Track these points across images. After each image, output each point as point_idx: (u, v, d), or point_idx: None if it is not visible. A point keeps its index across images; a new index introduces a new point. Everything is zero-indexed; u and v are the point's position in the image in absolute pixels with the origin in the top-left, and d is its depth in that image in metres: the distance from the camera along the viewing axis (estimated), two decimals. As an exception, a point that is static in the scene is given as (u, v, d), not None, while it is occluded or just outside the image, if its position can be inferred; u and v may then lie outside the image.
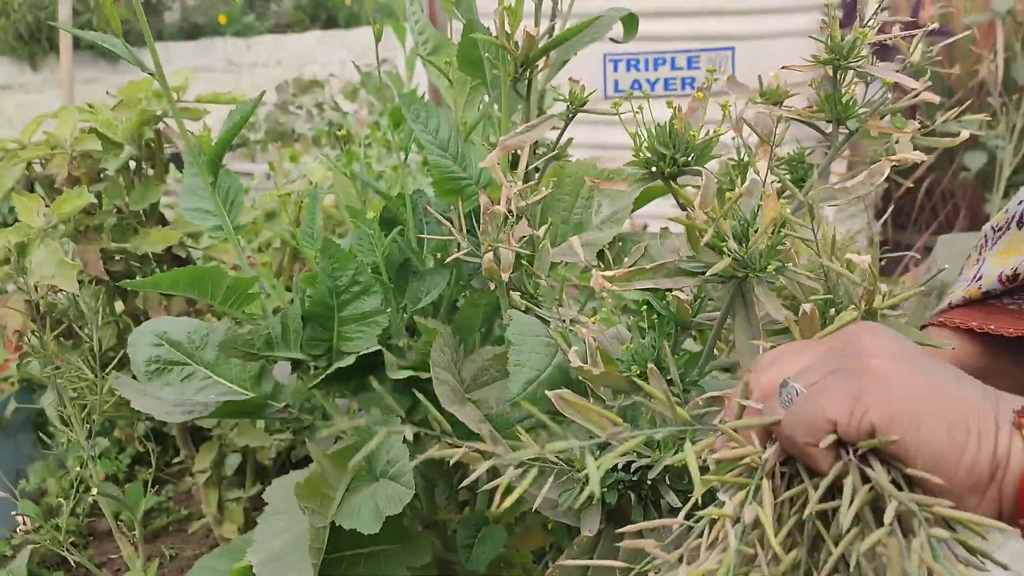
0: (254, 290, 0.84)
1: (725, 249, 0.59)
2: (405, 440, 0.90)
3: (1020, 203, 0.85)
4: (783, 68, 0.84)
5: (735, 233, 0.59)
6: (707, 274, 0.62)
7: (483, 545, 0.97)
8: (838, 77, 0.71)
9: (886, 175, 0.76)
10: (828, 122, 0.74)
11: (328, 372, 0.89)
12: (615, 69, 2.23)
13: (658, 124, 0.75)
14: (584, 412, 0.71)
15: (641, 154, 0.73)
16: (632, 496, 0.70)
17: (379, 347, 0.89)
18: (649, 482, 0.70)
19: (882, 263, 0.75)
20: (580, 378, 0.74)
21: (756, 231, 0.59)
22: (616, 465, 0.70)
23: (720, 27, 2.16)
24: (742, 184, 0.72)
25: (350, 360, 0.88)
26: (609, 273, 0.67)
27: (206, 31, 4.34)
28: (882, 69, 0.75)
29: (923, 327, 0.84)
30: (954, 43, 2.71)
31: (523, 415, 0.85)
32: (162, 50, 4.39)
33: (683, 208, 0.69)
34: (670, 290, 0.78)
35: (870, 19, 0.73)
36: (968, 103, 0.90)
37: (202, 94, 1.20)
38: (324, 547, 0.82)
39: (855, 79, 0.76)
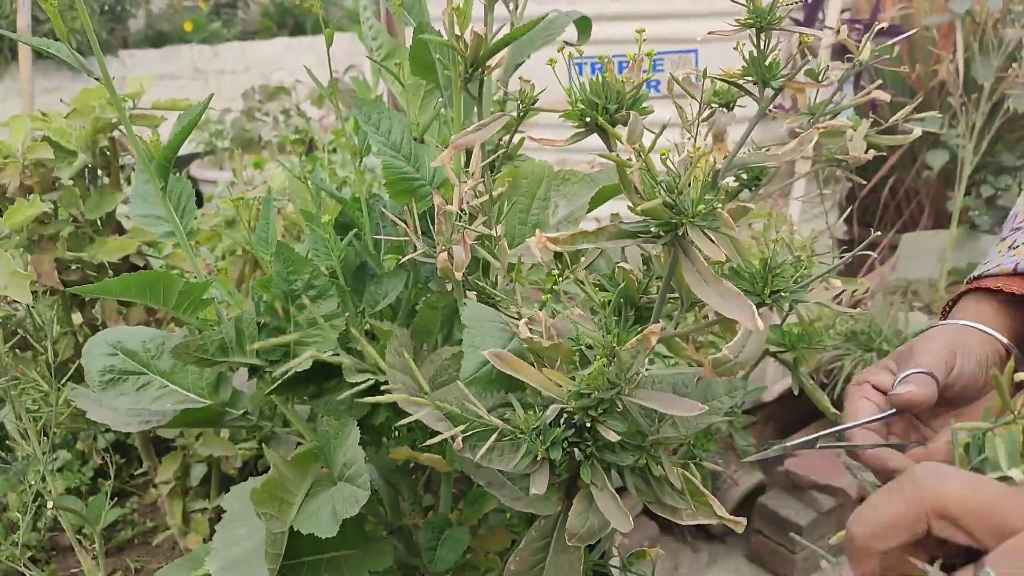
0: (208, 295, 0.83)
1: (657, 195, 0.59)
2: (365, 440, 0.89)
3: None
4: (709, 33, 0.84)
5: (667, 183, 0.60)
6: (638, 208, 0.61)
7: (446, 548, 0.97)
8: (761, 39, 0.73)
9: (814, 142, 0.77)
10: (754, 84, 0.75)
11: (285, 377, 0.88)
12: (580, 72, 2.23)
13: (591, 78, 0.75)
14: (524, 371, 0.71)
15: (576, 107, 0.73)
16: (577, 453, 0.71)
17: (336, 351, 0.88)
18: (590, 438, 0.71)
19: (848, 262, 0.76)
20: (530, 352, 0.75)
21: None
22: (558, 423, 0.71)
23: (683, 30, 2.17)
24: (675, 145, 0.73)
25: (307, 364, 0.88)
26: (552, 235, 0.68)
27: (172, 39, 4.30)
28: (800, 28, 0.76)
29: (958, 296, 0.82)
30: (915, 44, 2.75)
31: (486, 407, 0.85)
32: (127, 58, 4.35)
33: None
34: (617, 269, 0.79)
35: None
36: (927, 103, 0.91)
37: (159, 100, 1.19)
38: (282, 553, 0.81)
39: (780, 51, 0.77)
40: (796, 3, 0.69)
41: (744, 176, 0.89)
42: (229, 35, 4.42)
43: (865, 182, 1.09)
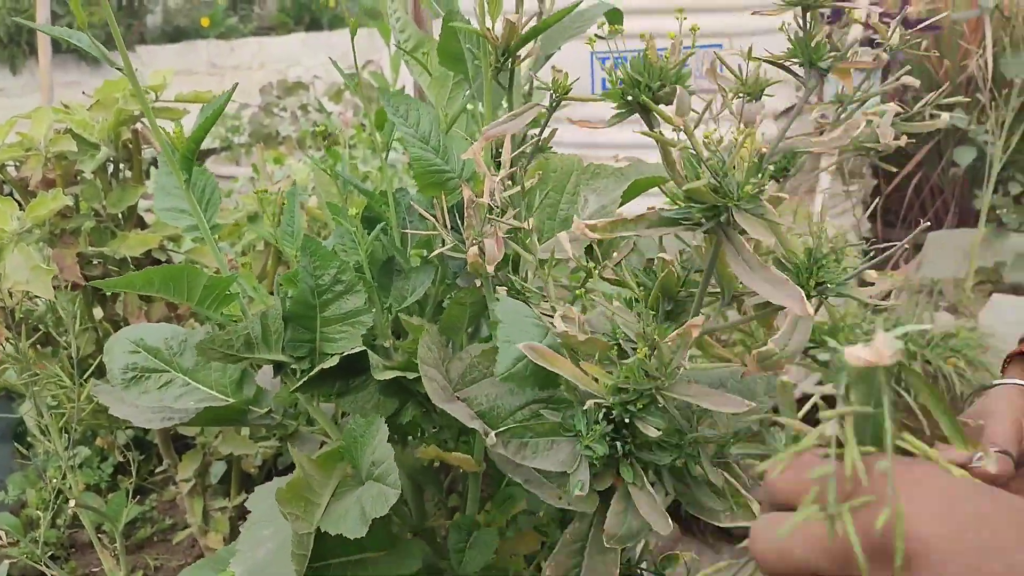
0: (232, 290, 0.82)
1: (702, 176, 0.57)
2: (391, 439, 0.87)
3: None
4: (753, 13, 0.82)
5: (711, 166, 0.57)
6: (683, 188, 0.59)
7: (474, 550, 0.94)
8: (807, 19, 0.70)
9: (861, 128, 0.74)
10: (801, 66, 0.72)
11: (311, 374, 0.86)
12: (603, 67, 2.21)
13: (632, 56, 0.72)
14: (561, 365, 0.69)
15: (616, 86, 0.71)
16: (618, 447, 0.69)
17: (363, 348, 0.86)
18: (628, 434, 0.68)
19: (872, 258, 0.73)
20: (565, 346, 0.72)
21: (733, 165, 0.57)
22: (598, 419, 0.68)
23: (708, 23, 2.14)
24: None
25: (333, 361, 0.86)
26: (591, 222, 0.65)
27: (188, 34, 4.30)
28: (849, 3, 0.73)
29: (1009, 358, 0.83)
30: (943, 39, 2.71)
31: (514, 407, 0.83)
32: (144, 53, 4.36)
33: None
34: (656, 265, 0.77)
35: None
36: (957, 98, 0.89)
37: (182, 93, 1.17)
38: (309, 554, 0.79)
39: (828, 34, 0.74)
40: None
41: (771, 167, 0.87)
42: (245, 31, 4.41)
43: (895, 169, 1.05)
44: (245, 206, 1.23)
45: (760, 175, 0.57)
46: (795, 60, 0.67)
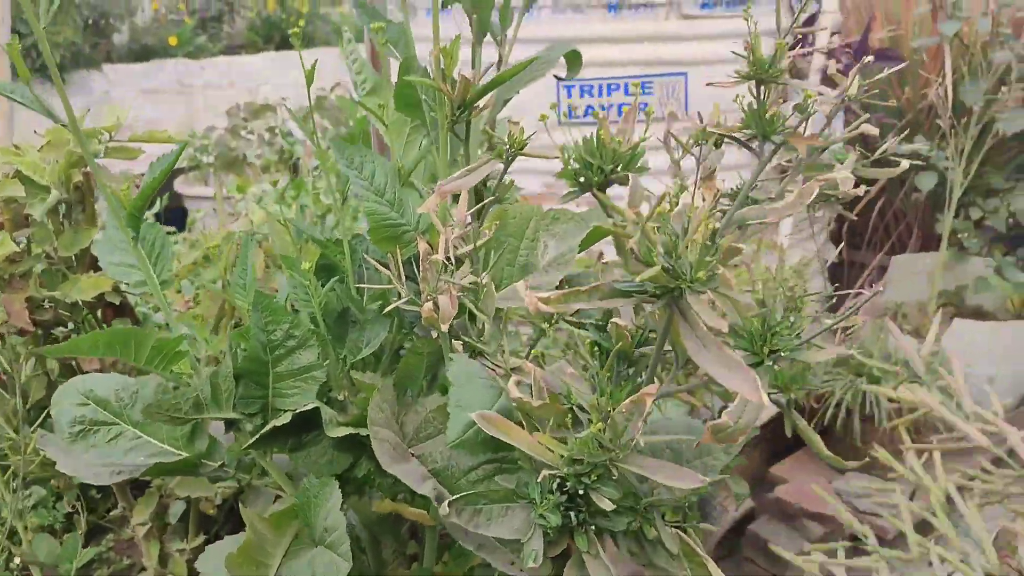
0: (182, 348, 0.80)
1: (655, 260, 0.57)
2: (344, 492, 0.86)
3: None
4: (707, 84, 0.82)
5: (665, 246, 0.57)
6: (637, 279, 0.59)
7: (431, 604, 0.93)
8: (761, 92, 0.70)
9: (815, 196, 0.74)
10: (754, 138, 0.72)
11: (263, 432, 0.85)
12: (568, 95, 2.21)
13: (585, 137, 0.73)
14: (514, 435, 0.68)
15: (569, 166, 0.71)
16: (573, 517, 0.68)
17: (316, 404, 0.85)
18: (583, 503, 0.68)
19: (836, 286, 0.73)
20: (520, 411, 0.72)
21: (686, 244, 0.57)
22: (552, 488, 0.68)
23: (673, 52, 2.15)
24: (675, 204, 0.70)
25: (286, 419, 0.84)
26: (544, 295, 0.65)
27: (156, 52, 4.25)
28: (803, 83, 0.73)
29: None
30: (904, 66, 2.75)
31: (468, 467, 0.82)
32: (111, 72, 4.30)
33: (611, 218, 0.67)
34: (610, 320, 0.76)
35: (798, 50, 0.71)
36: (916, 125, 0.89)
37: (136, 133, 1.15)
38: (259, 619, 0.77)
39: (780, 97, 0.75)
40: (806, 53, 0.66)
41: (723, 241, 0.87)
42: (214, 49, 4.38)
43: (854, 217, 1.06)
44: (202, 245, 1.21)
45: (713, 254, 0.56)
46: (749, 133, 0.67)
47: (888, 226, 3.02)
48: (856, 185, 0.85)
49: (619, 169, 0.64)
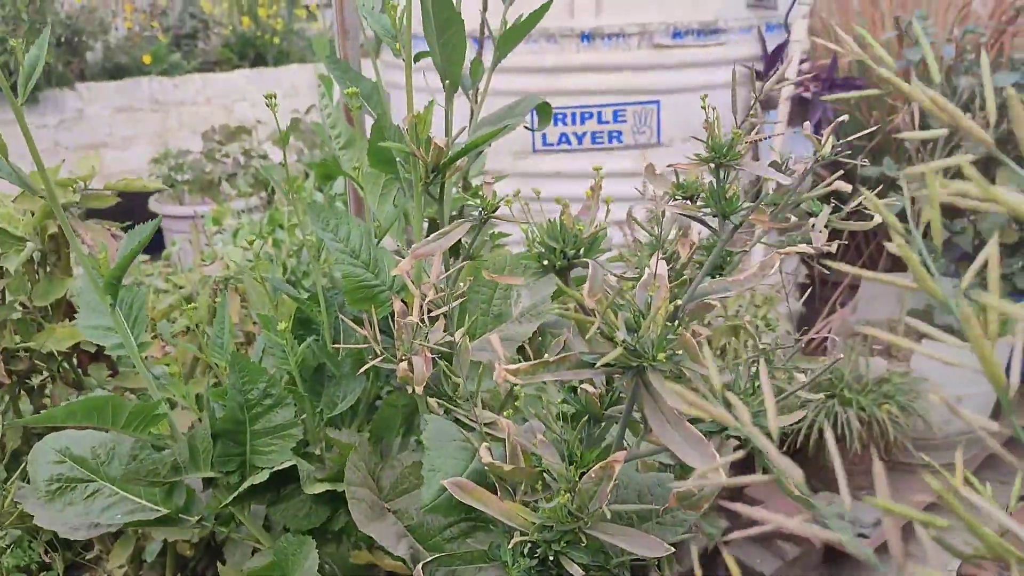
0: (160, 411, 0.81)
1: (617, 340, 0.59)
2: (323, 541, 0.87)
3: None
4: (668, 166, 0.84)
5: (628, 324, 0.59)
6: (597, 365, 0.61)
7: (408, 653, 0.94)
8: (720, 174, 0.72)
9: (776, 268, 0.76)
10: (714, 216, 0.74)
11: (241, 489, 0.86)
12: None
13: (548, 220, 0.75)
14: (486, 501, 0.70)
15: (533, 248, 0.73)
16: None
17: (293, 462, 0.86)
18: (554, 566, 0.70)
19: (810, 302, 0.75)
20: (492, 474, 0.73)
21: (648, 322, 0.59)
22: (523, 552, 0.70)
23: (645, 81, 2.18)
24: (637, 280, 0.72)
25: (264, 476, 0.85)
26: (512, 367, 0.67)
27: (131, 71, 4.23)
28: (756, 166, 0.76)
29: None
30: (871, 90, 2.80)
31: (444, 525, 0.84)
32: (84, 90, 4.27)
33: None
34: (580, 383, 0.78)
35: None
36: (884, 148, 0.91)
37: (111, 182, 1.16)
38: None
39: (738, 176, 0.77)
40: (754, 140, 0.68)
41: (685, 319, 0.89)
42: (189, 67, 4.36)
43: (812, 263, 1.07)
44: (176, 291, 1.22)
45: (674, 331, 0.59)
46: (708, 211, 0.69)
47: (860, 245, 3.08)
48: (829, 240, 0.88)
49: (581, 254, 0.66)
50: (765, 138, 0.69)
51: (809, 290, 3.00)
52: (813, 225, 0.91)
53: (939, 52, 2.52)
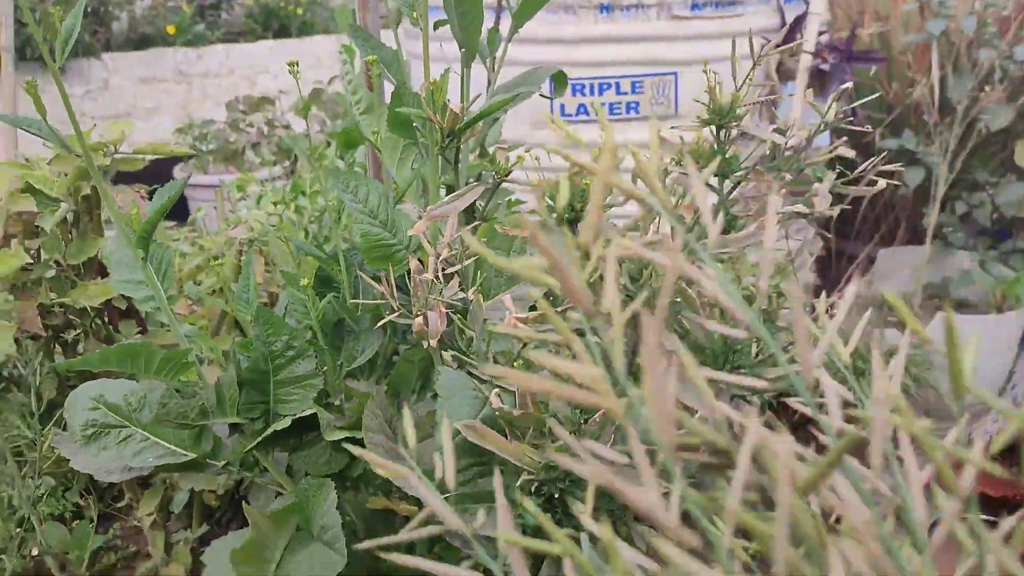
0: (188, 359, 0.86)
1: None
2: (340, 489, 0.92)
3: None
4: (671, 128, 0.87)
5: (631, 273, 0.63)
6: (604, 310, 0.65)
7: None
8: (720, 135, 0.75)
9: (776, 229, 0.80)
10: (715, 176, 0.77)
11: (265, 434, 0.91)
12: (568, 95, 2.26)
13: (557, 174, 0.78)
14: (497, 443, 0.75)
15: (543, 202, 0.76)
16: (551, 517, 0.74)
17: (314, 410, 0.91)
18: (560, 505, 0.74)
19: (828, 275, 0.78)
20: (502, 420, 0.78)
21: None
22: (531, 491, 0.74)
23: (663, 52, 2.20)
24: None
25: (286, 423, 0.90)
26: (521, 316, 0.71)
27: (155, 41, 4.29)
28: (758, 129, 0.79)
29: None
30: (892, 62, 2.79)
31: (460, 467, 0.88)
32: (110, 61, 4.33)
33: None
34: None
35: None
36: (904, 120, 0.94)
37: (140, 145, 1.21)
38: (262, 611, 0.84)
39: (741, 137, 0.80)
40: (757, 103, 0.72)
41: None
42: (213, 37, 4.40)
43: (829, 235, 1.10)
44: (203, 251, 1.27)
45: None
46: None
47: (878, 218, 3.08)
48: (832, 204, 0.91)
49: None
50: (764, 100, 0.72)
51: (823, 263, 3.01)
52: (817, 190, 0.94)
53: (960, 25, 2.51)
